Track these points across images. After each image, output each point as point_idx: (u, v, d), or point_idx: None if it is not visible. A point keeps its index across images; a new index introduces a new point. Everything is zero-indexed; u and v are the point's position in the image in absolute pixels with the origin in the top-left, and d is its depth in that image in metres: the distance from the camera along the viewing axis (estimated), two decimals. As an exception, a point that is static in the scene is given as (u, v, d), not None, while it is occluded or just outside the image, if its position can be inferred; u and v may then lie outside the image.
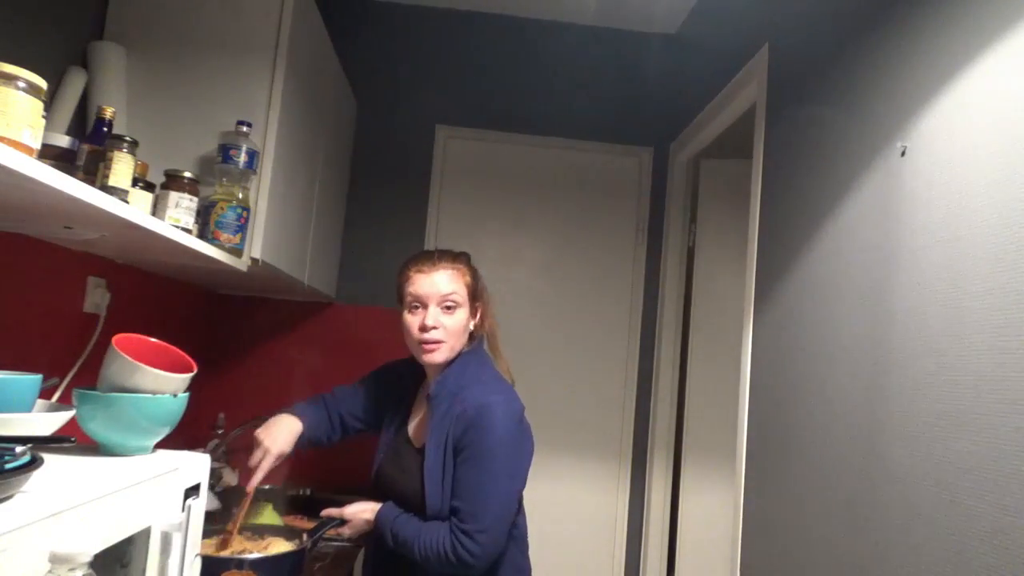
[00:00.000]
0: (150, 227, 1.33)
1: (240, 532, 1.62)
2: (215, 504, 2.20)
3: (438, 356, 1.57)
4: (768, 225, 1.94)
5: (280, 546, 1.61)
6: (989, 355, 1.05)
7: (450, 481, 1.50)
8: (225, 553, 1.53)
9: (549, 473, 2.83)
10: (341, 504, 1.68)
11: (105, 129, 1.42)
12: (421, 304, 1.57)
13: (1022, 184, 1.02)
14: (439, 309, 1.56)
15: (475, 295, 1.64)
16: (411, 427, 1.68)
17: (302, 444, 1.72)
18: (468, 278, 1.62)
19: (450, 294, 1.57)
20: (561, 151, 3.00)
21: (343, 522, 1.64)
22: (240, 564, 1.47)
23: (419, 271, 1.59)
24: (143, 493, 0.99)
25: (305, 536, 1.67)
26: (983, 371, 1.06)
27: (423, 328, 1.55)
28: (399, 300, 1.64)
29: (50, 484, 0.84)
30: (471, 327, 1.63)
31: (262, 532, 1.69)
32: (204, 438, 2.53)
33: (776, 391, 1.79)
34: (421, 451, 1.57)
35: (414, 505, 1.54)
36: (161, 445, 1.18)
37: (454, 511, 1.47)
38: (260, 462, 1.62)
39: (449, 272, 1.59)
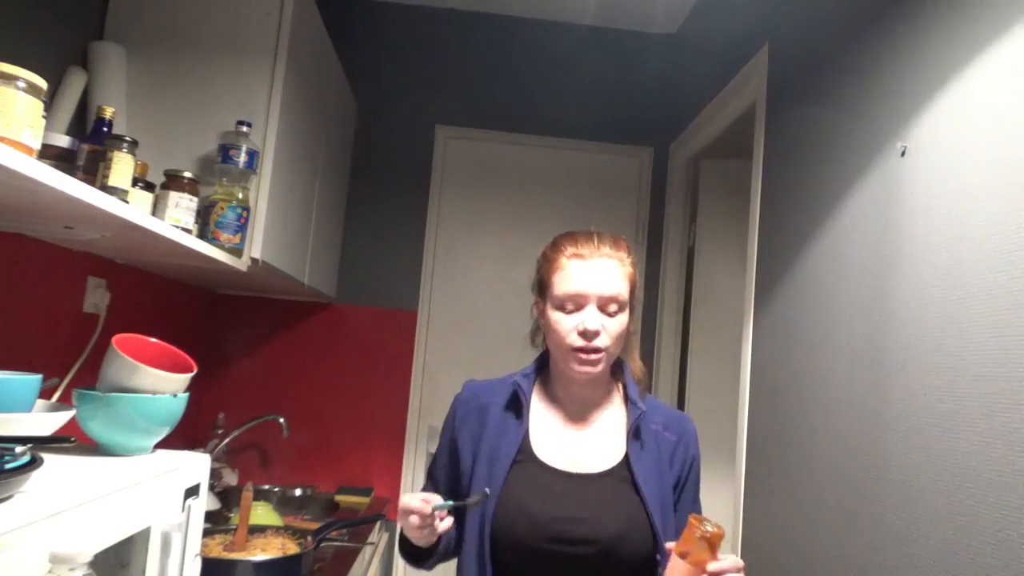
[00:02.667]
0: (150, 227, 1.33)
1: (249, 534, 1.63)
2: (215, 504, 2.20)
3: (597, 370, 1.22)
4: (768, 225, 1.94)
5: (284, 547, 1.62)
6: (990, 355, 1.05)
7: (671, 511, 1.23)
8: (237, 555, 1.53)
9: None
10: (341, 505, 1.68)
11: (105, 129, 1.42)
12: (576, 303, 1.21)
13: (1023, 184, 1.02)
14: (598, 309, 1.21)
15: (635, 291, 1.28)
16: (551, 453, 1.24)
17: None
18: (633, 271, 1.28)
19: (614, 296, 1.21)
20: (561, 151, 3.00)
21: (346, 524, 1.62)
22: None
23: (576, 255, 1.23)
24: (143, 493, 0.99)
25: (310, 538, 1.68)
26: (984, 371, 1.06)
27: (585, 334, 1.19)
28: (539, 290, 1.29)
29: (50, 484, 0.84)
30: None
31: (264, 532, 1.69)
32: (204, 438, 2.53)
33: (776, 391, 1.79)
34: (605, 479, 1.21)
35: (619, 552, 1.15)
36: (161, 445, 1.18)
37: None
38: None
39: (614, 263, 1.24)
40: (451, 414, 1.32)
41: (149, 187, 1.52)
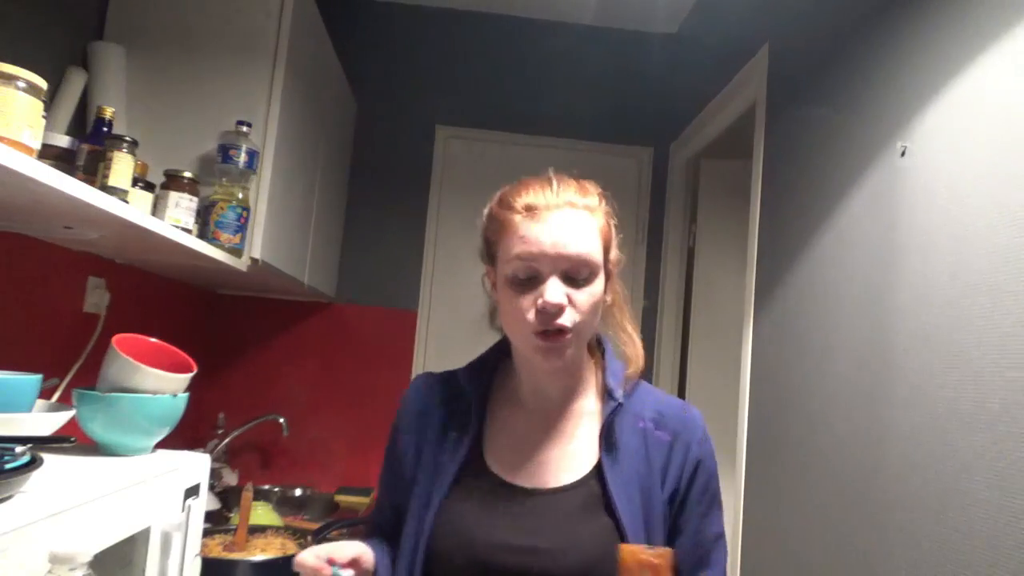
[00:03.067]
0: (150, 227, 1.33)
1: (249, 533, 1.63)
2: (215, 504, 2.20)
3: (564, 357, 0.93)
4: (768, 225, 1.94)
5: (284, 547, 1.62)
6: (992, 354, 1.05)
7: (662, 535, 0.95)
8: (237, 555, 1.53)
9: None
10: (341, 505, 1.67)
11: (105, 129, 1.42)
12: (531, 273, 0.91)
13: (1023, 183, 1.02)
14: (562, 278, 0.91)
15: (609, 248, 0.98)
16: (508, 463, 0.98)
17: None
18: (606, 223, 0.97)
19: (583, 257, 0.91)
20: (561, 151, 3.00)
21: (346, 524, 1.62)
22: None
23: (529, 209, 0.93)
24: (143, 493, 0.99)
25: (310, 538, 1.68)
26: (985, 370, 1.06)
27: (544, 311, 0.90)
28: (487, 259, 1.01)
29: (50, 484, 0.84)
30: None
31: (264, 532, 1.69)
32: (204, 438, 2.53)
33: (776, 391, 1.79)
34: (568, 496, 0.94)
35: None
36: (161, 445, 1.18)
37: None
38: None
39: (581, 215, 0.93)
40: (397, 414, 1.07)
41: (149, 187, 1.52)
